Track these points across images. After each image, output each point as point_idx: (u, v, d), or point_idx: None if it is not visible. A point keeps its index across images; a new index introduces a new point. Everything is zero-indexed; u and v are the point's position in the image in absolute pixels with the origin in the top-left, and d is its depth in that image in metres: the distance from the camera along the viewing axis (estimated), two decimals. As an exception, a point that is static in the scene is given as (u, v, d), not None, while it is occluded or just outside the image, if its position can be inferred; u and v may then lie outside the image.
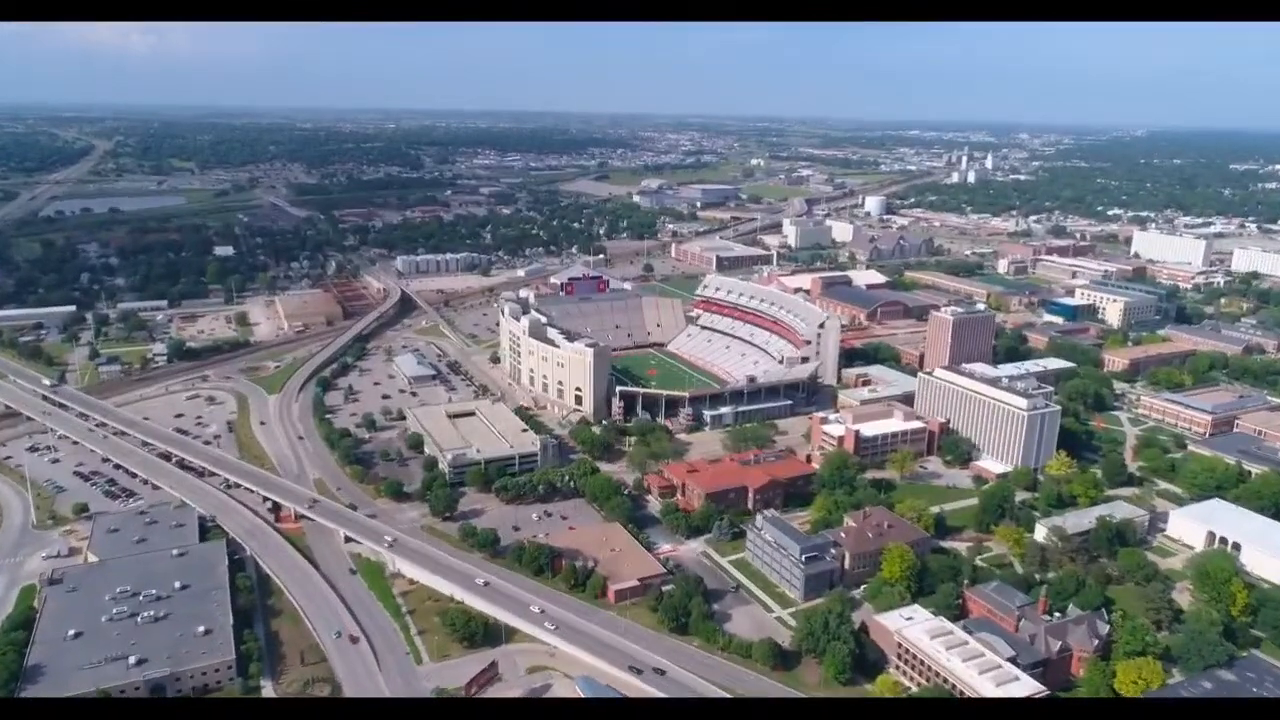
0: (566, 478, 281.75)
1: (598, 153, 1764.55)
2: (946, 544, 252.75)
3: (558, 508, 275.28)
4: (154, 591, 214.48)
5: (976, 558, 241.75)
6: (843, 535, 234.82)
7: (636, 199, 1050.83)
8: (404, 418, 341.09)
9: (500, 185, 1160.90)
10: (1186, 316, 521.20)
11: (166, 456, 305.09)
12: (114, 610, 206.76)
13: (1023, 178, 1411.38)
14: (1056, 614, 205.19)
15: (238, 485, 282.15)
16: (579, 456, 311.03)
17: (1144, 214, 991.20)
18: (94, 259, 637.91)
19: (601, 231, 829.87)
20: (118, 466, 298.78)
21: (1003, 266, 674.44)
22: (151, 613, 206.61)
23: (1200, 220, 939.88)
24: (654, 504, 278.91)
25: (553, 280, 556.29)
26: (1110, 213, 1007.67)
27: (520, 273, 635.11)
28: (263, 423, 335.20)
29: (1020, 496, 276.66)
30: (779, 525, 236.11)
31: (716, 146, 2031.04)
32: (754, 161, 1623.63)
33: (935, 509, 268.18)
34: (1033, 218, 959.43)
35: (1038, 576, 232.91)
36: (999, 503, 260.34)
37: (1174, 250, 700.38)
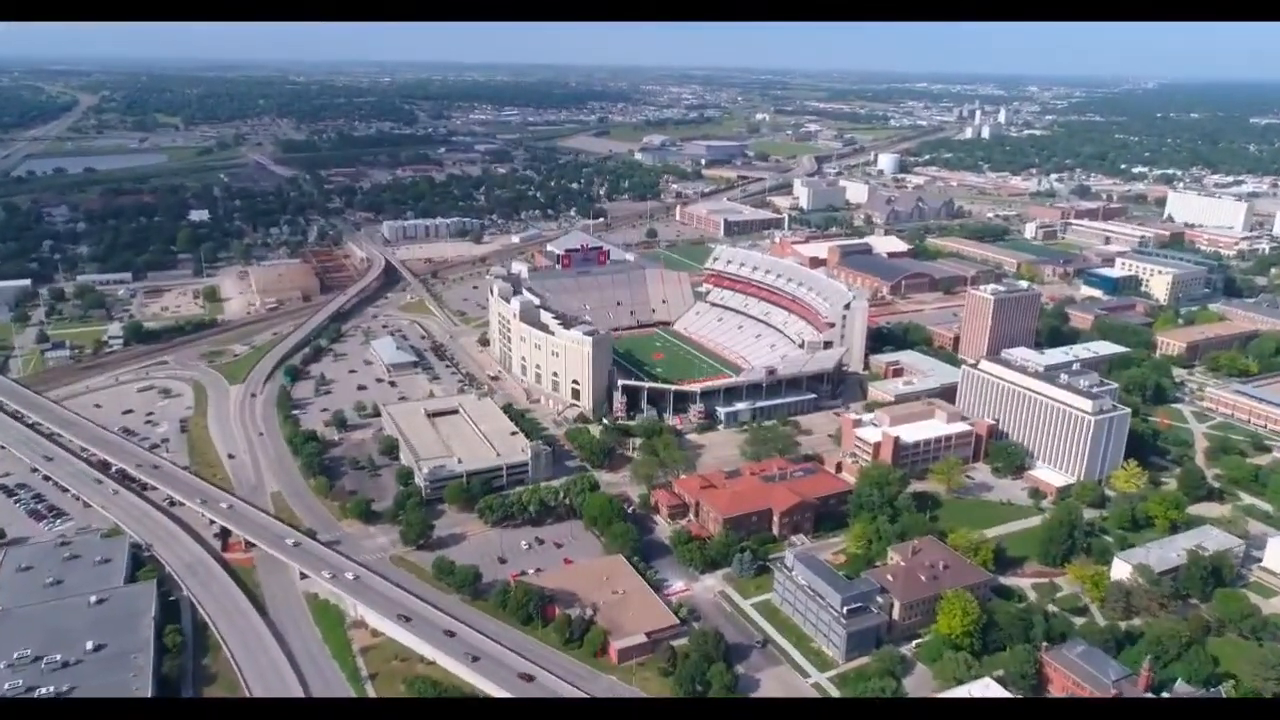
0: (561, 495, 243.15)
1: (598, 107, 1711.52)
2: (1007, 580, 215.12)
3: (551, 532, 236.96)
4: (59, 657, 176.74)
5: (1048, 603, 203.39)
6: (890, 579, 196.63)
7: (638, 156, 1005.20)
8: (379, 414, 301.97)
9: (496, 142, 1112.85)
10: (1237, 289, 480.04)
11: (107, 464, 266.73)
12: (6, 684, 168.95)
13: (1038, 133, 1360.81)
14: (1164, 692, 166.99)
15: (181, 504, 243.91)
16: (576, 463, 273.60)
17: (1170, 172, 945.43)
18: (59, 225, 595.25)
19: (602, 192, 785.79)
20: (48, 478, 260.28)
21: (1030, 231, 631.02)
22: (52, 687, 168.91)
23: (1231, 179, 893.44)
24: (662, 526, 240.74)
25: (549, 248, 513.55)
26: (1135, 170, 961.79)
27: (515, 239, 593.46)
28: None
29: (1086, 514, 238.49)
30: (813, 566, 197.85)
31: (720, 100, 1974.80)
32: (759, 116, 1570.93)
33: (991, 533, 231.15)
34: (1054, 176, 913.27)
35: (1123, 626, 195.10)
36: (1068, 530, 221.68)
37: (1211, 213, 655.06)
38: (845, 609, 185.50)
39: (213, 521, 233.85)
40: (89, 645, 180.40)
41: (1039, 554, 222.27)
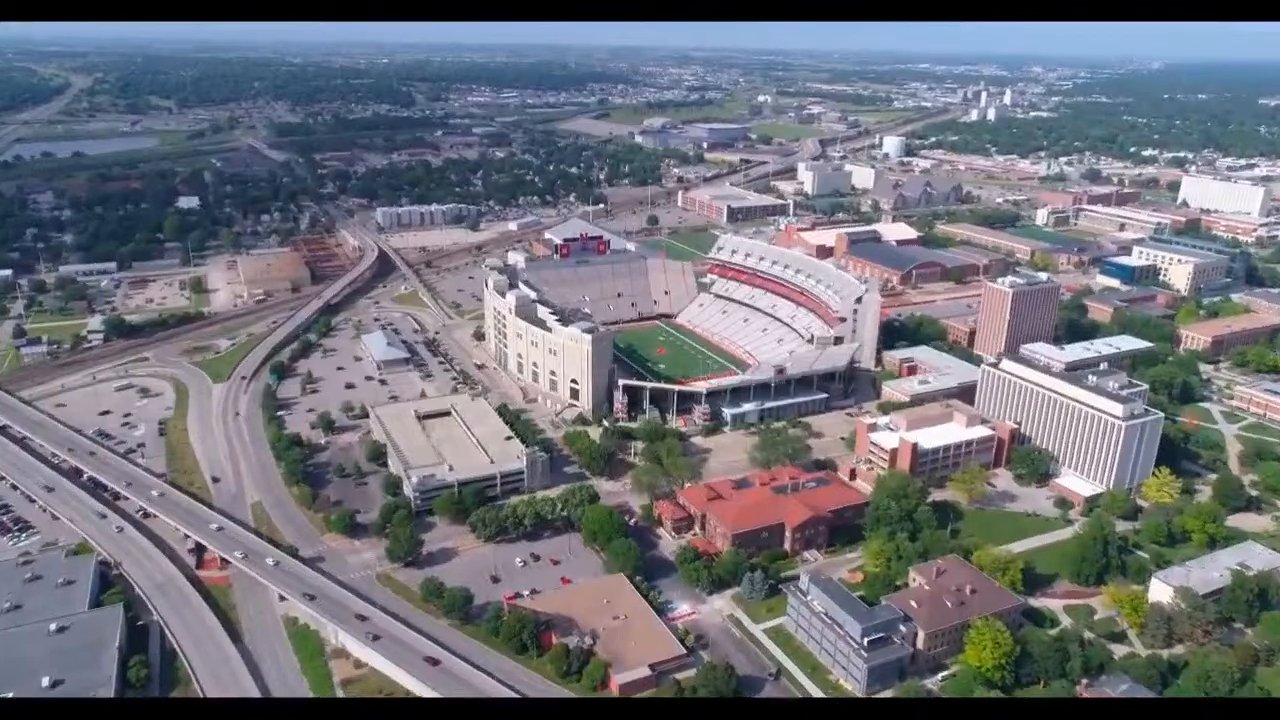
0: (559, 507, 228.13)
1: (598, 89, 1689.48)
2: (1037, 602, 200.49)
3: (548, 547, 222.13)
4: (11, 694, 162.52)
5: (1084, 629, 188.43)
6: (913, 604, 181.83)
7: (639, 139, 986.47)
8: (368, 415, 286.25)
9: (494, 125, 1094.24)
10: (1258, 278, 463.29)
11: (79, 471, 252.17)
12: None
13: (1044, 114, 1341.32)
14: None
15: (154, 515, 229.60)
16: (574, 470, 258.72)
17: (1181, 155, 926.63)
18: (44, 212, 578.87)
19: (601, 177, 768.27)
20: (15, 486, 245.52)
21: (1041, 217, 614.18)
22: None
23: (1243, 162, 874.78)
24: (666, 540, 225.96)
25: (548, 236, 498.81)
26: (1145, 154, 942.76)
27: (512, 226, 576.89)
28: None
29: (1119, 527, 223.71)
30: (830, 591, 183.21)
31: (721, 81, 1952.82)
32: (761, 98, 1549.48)
33: (1017, 547, 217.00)
34: (1064, 160, 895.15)
35: (1165, 655, 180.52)
36: (1101, 547, 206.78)
37: (1227, 198, 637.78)
38: (866, 640, 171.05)
39: (187, 536, 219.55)
40: (45, 681, 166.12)
41: (1070, 572, 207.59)
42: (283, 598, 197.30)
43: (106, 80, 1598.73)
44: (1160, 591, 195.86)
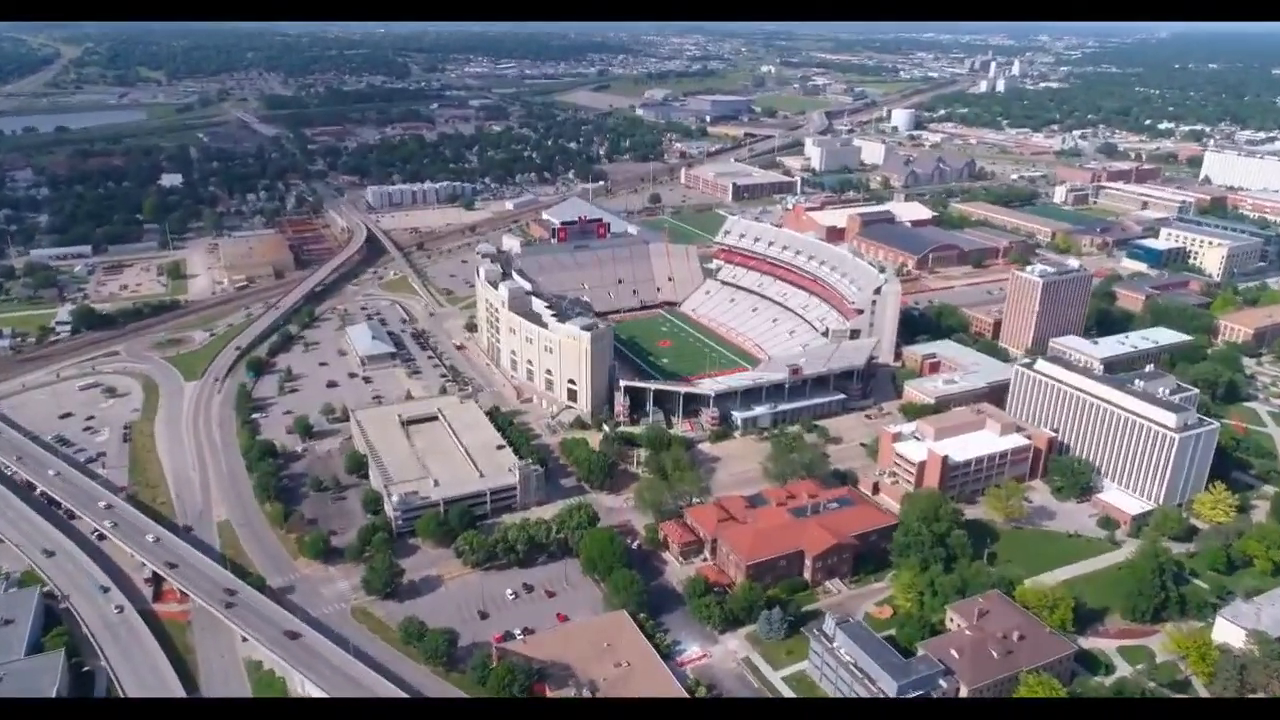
0: (555, 529, 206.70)
1: (598, 59, 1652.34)
2: (1088, 642, 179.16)
3: (542, 575, 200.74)
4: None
5: (1146, 678, 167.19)
6: (954, 654, 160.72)
7: (640, 112, 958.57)
8: (349, 419, 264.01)
9: (492, 97, 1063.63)
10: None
11: (32, 485, 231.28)
12: None
13: (1055, 86, 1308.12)
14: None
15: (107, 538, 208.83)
16: (571, 482, 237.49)
17: (1198, 128, 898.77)
18: (20, 191, 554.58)
19: (601, 152, 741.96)
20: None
21: (1059, 195, 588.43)
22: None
23: (1262, 135, 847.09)
24: (673, 565, 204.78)
25: (545, 216, 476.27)
26: (1161, 126, 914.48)
27: (508, 205, 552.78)
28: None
29: (1171, 549, 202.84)
30: (859, 638, 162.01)
31: (723, 51, 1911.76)
32: (765, 69, 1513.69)
33: (1061, 573, 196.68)
34: (1078, 133, 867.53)
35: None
36: (1158, 578, 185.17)
37: (1253, 175, 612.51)
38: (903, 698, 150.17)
39: (144, 564, 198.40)
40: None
41: (1124, 607, 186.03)
42: (245, 638, 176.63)
43: (96, 51, 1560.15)
44: (1226, 632, 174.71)
